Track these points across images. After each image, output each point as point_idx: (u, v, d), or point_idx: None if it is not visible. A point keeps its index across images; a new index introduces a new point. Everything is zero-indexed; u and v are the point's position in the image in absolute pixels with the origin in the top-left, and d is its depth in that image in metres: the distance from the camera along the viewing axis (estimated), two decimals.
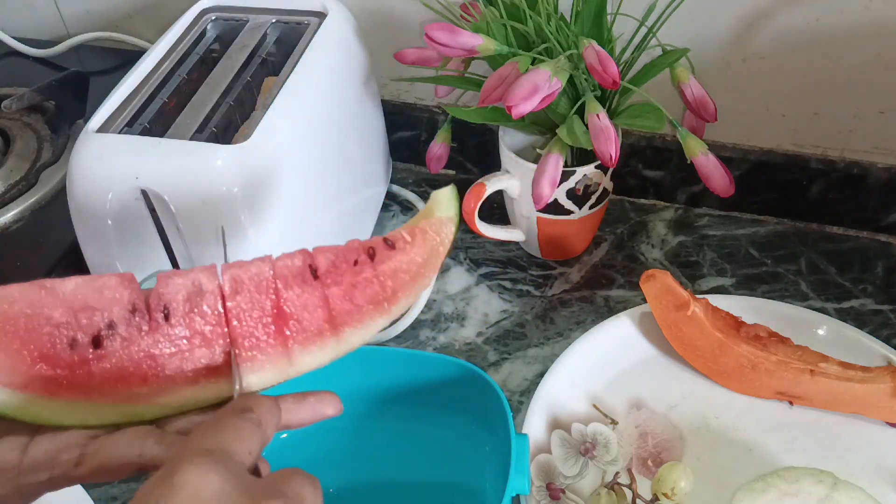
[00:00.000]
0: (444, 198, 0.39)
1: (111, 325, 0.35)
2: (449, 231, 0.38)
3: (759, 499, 0.46)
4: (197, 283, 0.36)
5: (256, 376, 0.36)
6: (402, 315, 0.37)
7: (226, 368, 0.36)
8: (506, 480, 0.46)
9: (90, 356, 0.34)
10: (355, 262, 0.37)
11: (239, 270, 0.37)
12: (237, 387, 0.35)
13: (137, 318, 0.35)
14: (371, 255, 0.37)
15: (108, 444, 0.32)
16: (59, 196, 0.72)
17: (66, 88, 0.80)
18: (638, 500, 0.50)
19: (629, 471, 0.53)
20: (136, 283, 0.36)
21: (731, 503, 0.47)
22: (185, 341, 0.35)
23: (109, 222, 0.53)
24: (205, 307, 0.36)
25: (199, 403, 0.36)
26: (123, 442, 0.32)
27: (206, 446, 0.29)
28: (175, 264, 0.55)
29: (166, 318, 0.35)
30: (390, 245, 0.38)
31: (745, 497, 0.47)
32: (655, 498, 0.50)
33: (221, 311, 0.36)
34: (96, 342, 0.34)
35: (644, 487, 0.51)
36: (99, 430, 0.33)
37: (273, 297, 0.36)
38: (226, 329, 0.36)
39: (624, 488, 0.51)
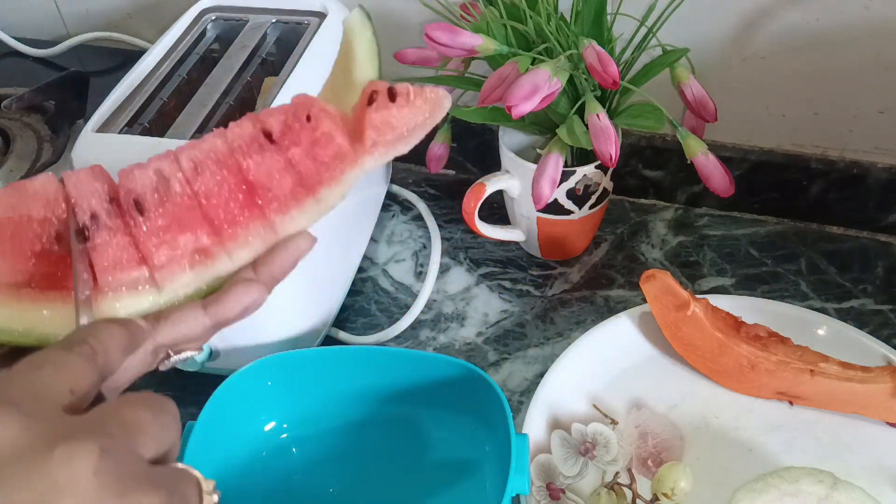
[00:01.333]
0: (356, 22, 0.40)
1: (94, 217, 0.34)
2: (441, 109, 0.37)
3: (759, 499, 0.46)
4: (159, 172, 0.35)
5: (245, 251, 0.35)
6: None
7: (215, 249, 0.35)
8: (506, 480, 0.46)
9: (81, 249, 0.34)
10: (308, 118, 0.36)
11: (194, 151, 0.36)
12: (80, 319, 0.33)
13: (116, 208, 0.35)
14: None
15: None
16: None
17: (66, 88, 0.80)
18: (638, 500, 0.50)
19: (629, 471, 0.53)
20: (108, 174, 0.35)
21: (731, 503, 0.47)
22: (164, 231, 0.35)
23: None
24: (174, 192, 0.35)
25: (199, 291, 0.35)
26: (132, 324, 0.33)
27: (8, 393, 0.26)
28: None
29: (140, 211, 0.35)
30: (375, 97, 0.36)
31: (745, 497, 0.46)
32: (655, 498, 0.50)
33: (190, 192, 0.35)
34: (84, 236, 0.34)
35: (644, 487, 0.51)
36: None
37: (235, 169, 0.35)
38: (199, 208, 0.35)
39: (624, 488, 0.51)
